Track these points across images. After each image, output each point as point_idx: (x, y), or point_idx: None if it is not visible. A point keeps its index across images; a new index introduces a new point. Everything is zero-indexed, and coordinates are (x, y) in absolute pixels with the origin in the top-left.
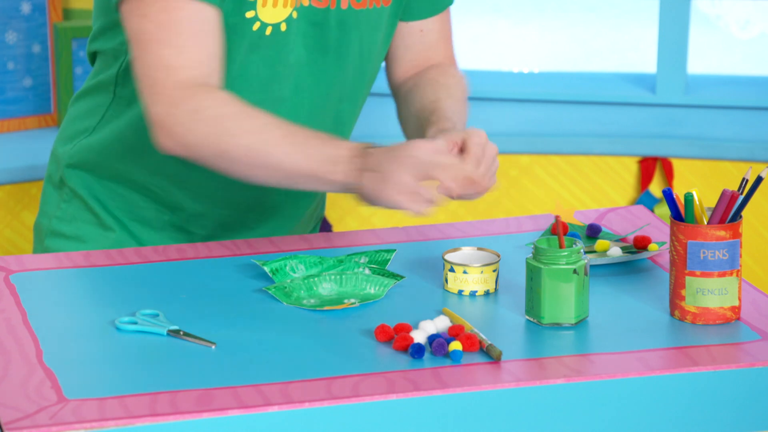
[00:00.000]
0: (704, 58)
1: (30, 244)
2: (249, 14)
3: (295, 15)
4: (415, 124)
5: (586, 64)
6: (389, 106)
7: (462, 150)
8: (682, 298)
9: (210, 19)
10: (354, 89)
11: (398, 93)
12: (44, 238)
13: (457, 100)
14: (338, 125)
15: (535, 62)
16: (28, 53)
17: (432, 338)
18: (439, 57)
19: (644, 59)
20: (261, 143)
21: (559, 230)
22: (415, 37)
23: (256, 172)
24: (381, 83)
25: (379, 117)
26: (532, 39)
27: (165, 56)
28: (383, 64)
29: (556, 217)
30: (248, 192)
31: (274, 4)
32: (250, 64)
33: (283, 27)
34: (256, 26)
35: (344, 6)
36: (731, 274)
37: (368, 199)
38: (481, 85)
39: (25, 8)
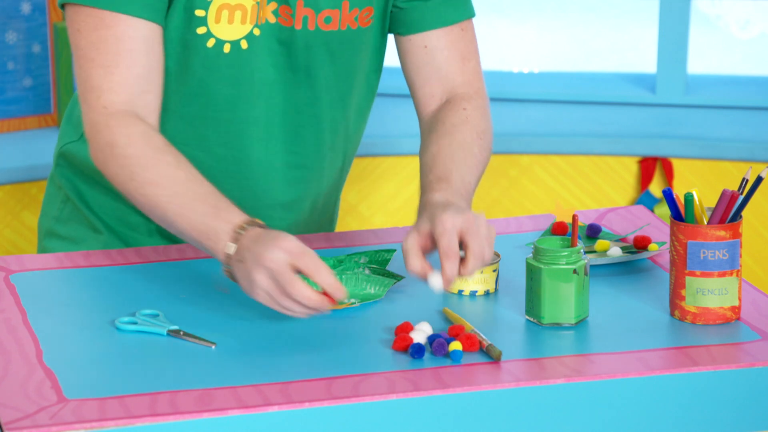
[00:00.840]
0: (704, 58)
1: (30, 244)
2: (200, 30)
3: (257, 32)
4: (421, 180)
5: (586, 64)
6: (389, 107)
7: (433, 240)
8: (682, 298)
9: (142, 37)
10: (332, 109)
11: (421, 135)
12: (43, 238)
13: (459, 143)
14: (318, 147)
15: (535, 62)
16: (28, 53)
17: (432, 338)
18: (456, 83)
19: (644, 59)
20: (157, 198)
21: (574, 228)
22: (420, 56)
23: (157, 222)
24: (381, 83)
25: (379, 117)
26: (531, 39)
27: (93, 76)
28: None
29: (573, 216)
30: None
31: (230, 21)
32: (211, 83)
33: (244, 44)
34: (210, 43)
35: (311, 27)
36: (731, 274)
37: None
38: None
39: (25, 8)
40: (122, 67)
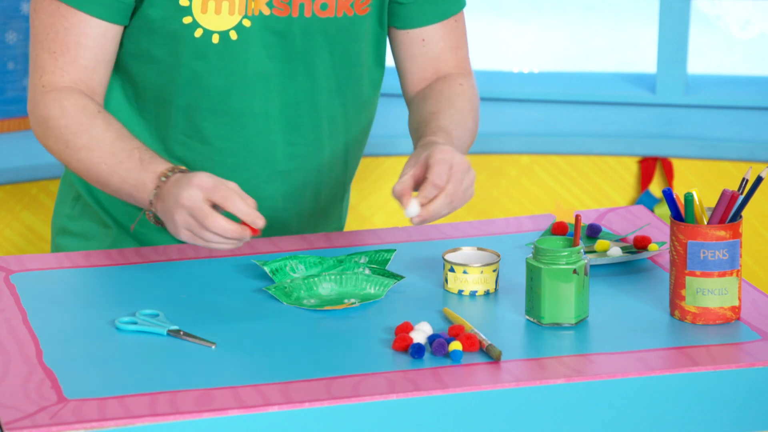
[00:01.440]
0: (704, 58)
1: (30, 244)
2: (186, 20)
3: (247, 23)
4: (414, 135)
5: (586, 64)
6: (389, 107)
7: (427, 167)
8: (682, 298)
9: (94, 34)
10: (329, 98)
11: (409, 107)
12: (56, 236)
13: (458, 109)
14: (317, 136)
15: (534, 62)
16: (28, 53)
17: (432, 338)
18: (448, 67)
19: (644, 59)
20: (90, 161)
21: (576, 228)
22: (417, 48)
23: (96, 186)
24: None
25: (379, 117)
26: (531, 39)
27: (39, 57)
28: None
29: (576, 217)
30: None
31: (217, 11)
32: (203, 73)
33: (233, 35)
34: (198, 33)
35: (308, 14)
36: (731, 274)
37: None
38: (482, 85)
39: (25, 8)
40: (68, 57)
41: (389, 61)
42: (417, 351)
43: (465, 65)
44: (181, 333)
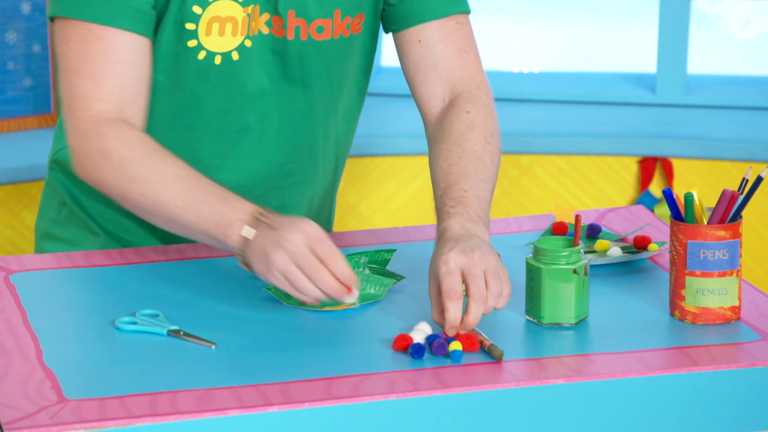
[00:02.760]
0: (704, 58)
1: (30, 244)
2: (191, 43)
3: (248, 43)
4: (434, 199)
5: (586, 64)
6: (389, 107)
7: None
8: (682, 298)
9: (130, 49)
10: (326, 117)
11: (428, 142)
12: (40, 240)
13: (470, 155)
14: (312, 153)
15: (535, 62)
16: (28, 53)
17: (432, 338)
18: (456, 80)
19: (644, 59)
20: (159, 195)
21: (576, 228)
22: (416, 52)
23: (156, 222)
24: (380, 83)
25: (379, 117)
26: (532, 39)
27: (81, 87)
28: (379, 69)
29: (576, 217)
30: None
31: (221, 33)
32: (203, 94)
33: (235, 56)
34: (201, 55)
35: (303, 37)
36: (731, 274)
37: (252, 270)
38: None
39: (25, 8)
40: (111, 78)
41: (386, 62)
42: (417, 351)
43: (474, 74)
44: (181, 333)
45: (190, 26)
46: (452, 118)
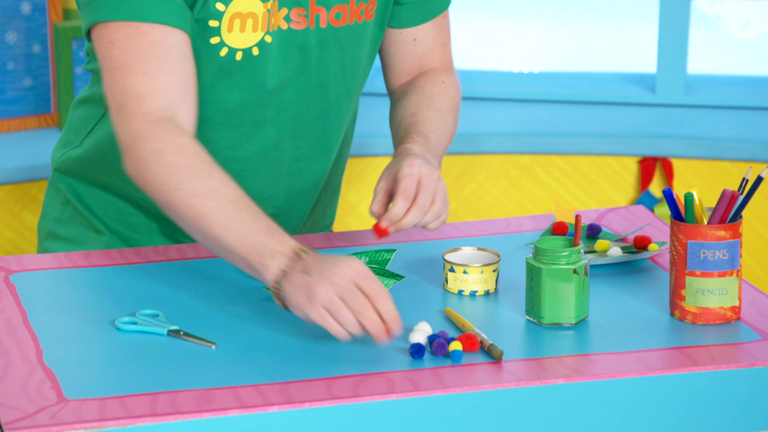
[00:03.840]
0: (704, 58)
1: (30, 244)
2: (214, 40)
3: (269, 39)
4: (395, 135)
5: (586, 64)
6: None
7: (396, 182)
8: (682, 298)
9: (179, 44)
10: (339, 103)
11: (391, 100)
12: (44, 240)
13: (437, 110)
14: (323, 140)
15: (535, 62)
16: (28, 53)
17: (432, 338)
18: (434, 63)
19: (644, 59)
20: (204, 209)
21: (577, 228)
22: (408, 46)
23: (194, 235)
24: (380, 83)
25: (379, 117)
26: (532, 39)
27: (134, 83)
28: (378, 69)
29: (576, 217)
30: None
31: (242, 29)
32: (223, 88)
33: (255, 51)
34: (223, 52)
35: (323, 25)
36: (731, 274)
37: (287, 303)
38: (481, 85)
39: (25, 8)
40: (163, 73)
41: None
42: (417, 351)
43: (449, 61)
44: (181, 333)
45: (213, 23)
46: (426, 80)
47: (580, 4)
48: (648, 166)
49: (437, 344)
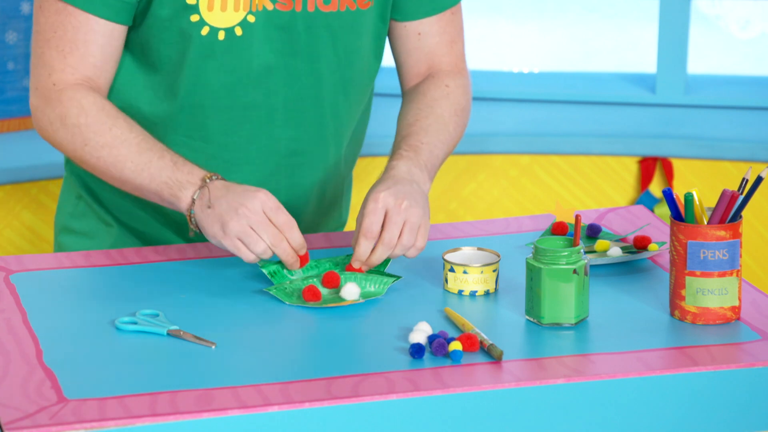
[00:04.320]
0: (704, 58)
1: (30, 244)
2: (193, 18)
3: (252, 19)
4: (393, 143)
5: (586, 64)
6: (389, 107)
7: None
8: (682, 298)
9: (101, 32)
10: (334, 94)
11: (402, 104)
12: (58, 234)
13: (437, 117)
14: (321, 133)
15: (535, 62)
16: (28, 53)
17: (432, 338)
18: (443, 63)
19: (644, 59)
20: (112, 158)
21: (576, 228)
22: (413, 42)
23: (113, 183)
24: (380, 83)
25: (379, 117)
26: (532, 39)
27: (48, 55)
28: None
29: (576, 217)
30: None
31: (223, 8)
32: (208, 70)
33: (238, 31)
34: (204, 31)
35: (311, 8)
36: (731, 274)
37: (202, 232)
38: (481, 85)
39: (25, 8)
40: (76, 56)
41: (386, 62)
42: (417, 351)
43: (459, 61)
44: (181, 333)
45: (191, 1)
46: (430, 85)
47: (580, 4)
48: (648, 166)
49: (437, 344)
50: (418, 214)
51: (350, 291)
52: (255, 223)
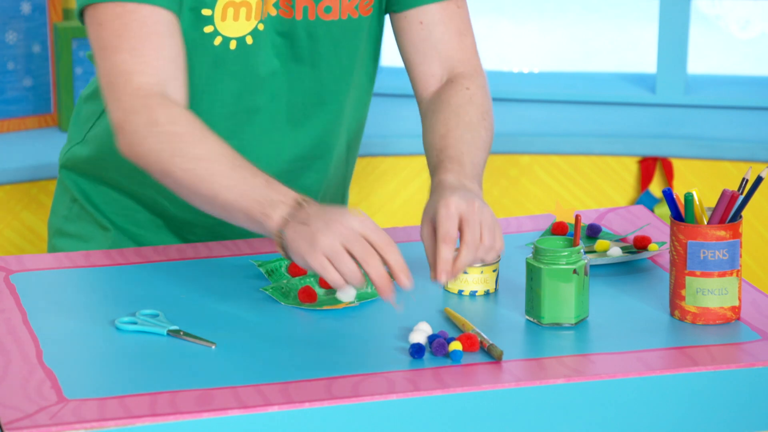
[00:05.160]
0: (704, 58)
1: (30, 244)
2: (207, 29)
3: (261, 27)
4: (428, 161)
5: (586, 64)
6: (389, 107)
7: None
8: (682, 298)
9: (165, 22)
10: (337, 101)
11: (422, 117)
12: (52, 237)
13: (467, 124)
14: (323, 138)
15: (535, 62)
16: (28, 53)
17: (432, 338)
18: (454, 60)
19: (644, 59)
20: (203, 171)
21: (576, 228)
22: (416, 33)
23: (194, 199)
24: (380, 83)
25: (379, 117)
26: (532, 39)
27: (121, 61)
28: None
29: (576, 217)
30: None
31: (235, 18)
32: (218, 79)
33: (249, 40)
34: (217, 41)
35: (312, 17)
36: (731, 274)
37: (288, 251)
38: None
39: (25, 8)
40: (150, 50)
41: (386, 62)
42: (417, 351)
43: (471, 58)
44: (181, 333)
45: (206, 12)
46: (451, 92)
47: (580, 4)
48: (648, 166)
49: (437, 344)
50: (491, 215)
51: (346, 292)
52: (347, 238)
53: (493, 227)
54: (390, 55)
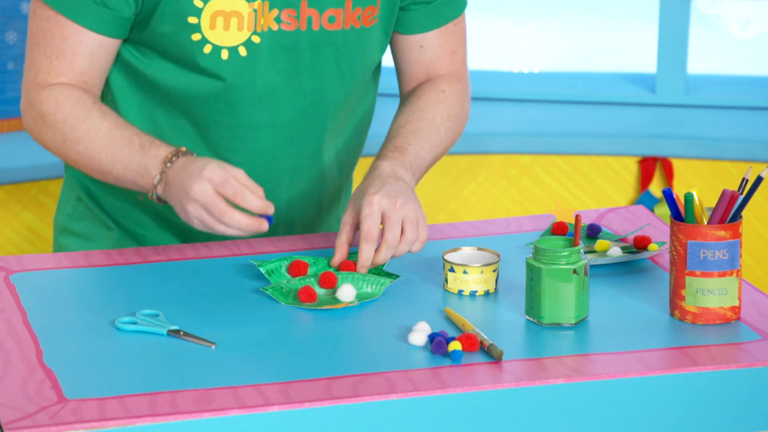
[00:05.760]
0: (704, 58)
1: (30, 244)
2: (195, 37)
3: (256, 39)
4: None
5: (586, 64)
6: (389, 107)
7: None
8: (682, 298)
9: (88, 42)
10: (337, 108)
11: (399, 105)
12: (58, 235)
13: (428, 121)
14: (322, 148)
15: (535, 62)
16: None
17: (432, 337)
18: (443, 70)
19: (644, 59)
20: (89, 151)
21: (576, 228)
22: (415, 53)
23: (97, 177)
24: (380, 83)
25: (379, 117)
26: (532, 39)
27: (37, 58)
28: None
29: (576, 217)
30: None
31: (226, 27)
32: (212, 88)
33: (243, 51)
34: (207, 49)
35: (315, 27)
36: (731, 274)
37: (176, 211)
38: (481, 85)
39: (25, 8)
40: (63, 62)
41: (386, 62)
42: (438, 346)
43: (459, 69)
44: (181, 333)
45: (192, 20)
46: (425, 89)
47: (580, 4)
48: (648, 166)
49: (437, 344)
50: (414, 209)
51: (346, 292)
52: (207, 204)
53: (415, 221)
54: (390, 55)
